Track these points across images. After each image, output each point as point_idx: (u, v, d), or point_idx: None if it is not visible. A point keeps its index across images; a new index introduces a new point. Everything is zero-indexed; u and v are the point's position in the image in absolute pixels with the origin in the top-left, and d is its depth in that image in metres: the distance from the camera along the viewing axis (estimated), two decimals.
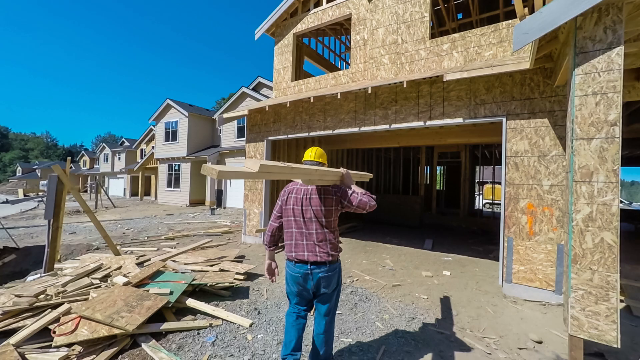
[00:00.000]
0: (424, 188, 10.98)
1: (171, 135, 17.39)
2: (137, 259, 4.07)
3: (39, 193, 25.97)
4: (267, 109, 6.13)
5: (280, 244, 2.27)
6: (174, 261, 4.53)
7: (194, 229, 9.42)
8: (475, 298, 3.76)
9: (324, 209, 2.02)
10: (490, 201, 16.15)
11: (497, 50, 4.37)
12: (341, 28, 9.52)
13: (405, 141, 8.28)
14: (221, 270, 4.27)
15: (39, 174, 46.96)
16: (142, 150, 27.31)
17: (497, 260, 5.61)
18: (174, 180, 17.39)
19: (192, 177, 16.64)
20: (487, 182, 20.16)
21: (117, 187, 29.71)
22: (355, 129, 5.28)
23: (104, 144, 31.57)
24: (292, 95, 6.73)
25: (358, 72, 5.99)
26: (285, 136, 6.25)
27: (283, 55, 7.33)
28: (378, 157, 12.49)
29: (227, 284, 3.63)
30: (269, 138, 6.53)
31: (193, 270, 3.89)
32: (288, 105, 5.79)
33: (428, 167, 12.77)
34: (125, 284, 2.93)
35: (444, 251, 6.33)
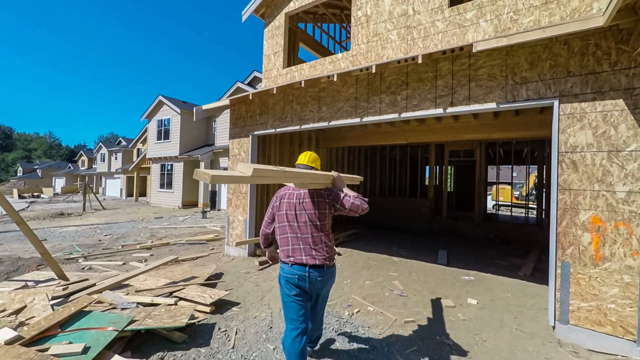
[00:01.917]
0: (433, 190, 9.95)
1: (163, 133, 16.52)
2: (64, 289, 3.13)
3: (35, 194, 25.21)
4: (251, 98, 5.18)
5: (275, 245, 2.36)
6: (125, 285, 3.58)
7: (178, 235, 8.51)
8: (519, 345, 2.76)
9: (318, 212, 2.04)
10: (509, 203, 15.07)
11: (541, 14, 3.35)
12: (341, 13, 8.54)
13: (414, 137, 7.27)
14: (182, 300, 3.32)
15: (39, 174, 46.61)
16: (138, 149, 26.54)
17: (530, 280, 4.60)
18: (166, 180, 16.52)
19: (185, 178, 15.76)
20: (495, 183, 19.08)
21: (114, 187, 29.01)
22: (356, 120, 4.30)
23: (101, 143, 30.90)
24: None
25: (360, 55, 5.01)
26: (273, 130, 5.28)
27: (274, 38, 6.37)
28: (382, 156, 11.49)
29: (182, 324, 2.66)
30: (255, 133, 5.56)
31: (139, 304, 2.94)
32: (275, 93, 4.82)
33: (437, 167, 11.73)
34: (10, 343, 1.99)
35: (462, 267, 5.31)
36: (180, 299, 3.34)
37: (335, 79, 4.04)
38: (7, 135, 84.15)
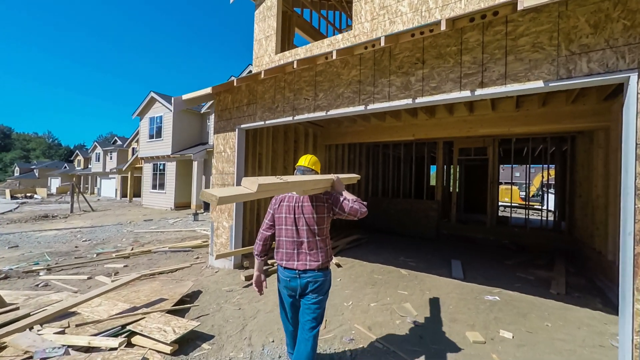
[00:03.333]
0: (441, 191, 9.18)
1: (155, 131, 15.78)
2: None
3: (28, 194, 24.47)
4: (237, 85, 4.43)
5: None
6: (71, 313, 2.84)
7: (163, 241, 7.78)
8: None
9: (316, 216, 2.02)
10: (517, 205, 14.23)
11: None
12: (343, 0, 7.78)
13: (422, 133, 6.51)
14: (137, 335, 2.57)
15: (36, 174, 45.99)
16: (133, 149, 25.83)
17: (567, 302, 3.84)
18: (158, 181, 15.78)
19: (178, 178, 15.02)
20: (506, 183, 18.37)
21: (109, 187, 28.35)
22: (360, 108, 3.54)
23: (96, 142, 30.22)
24: None
25: (363, 34, 4.25)
26: (263, 122, 4.53)
27: (265, 21, 5.61)
28: (385, 155, 10.72)
29: None
30: (242, 126, 4.81)
31: (70, 349, 2.20)
32: (264, 78, 4.08)
33: (444, 167, 10.95)
34: None
35: (482, 282, 4.56)
36: (134, 333, 2.60)
37: (334, 57, 3.29)
38: (6, 135, 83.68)
